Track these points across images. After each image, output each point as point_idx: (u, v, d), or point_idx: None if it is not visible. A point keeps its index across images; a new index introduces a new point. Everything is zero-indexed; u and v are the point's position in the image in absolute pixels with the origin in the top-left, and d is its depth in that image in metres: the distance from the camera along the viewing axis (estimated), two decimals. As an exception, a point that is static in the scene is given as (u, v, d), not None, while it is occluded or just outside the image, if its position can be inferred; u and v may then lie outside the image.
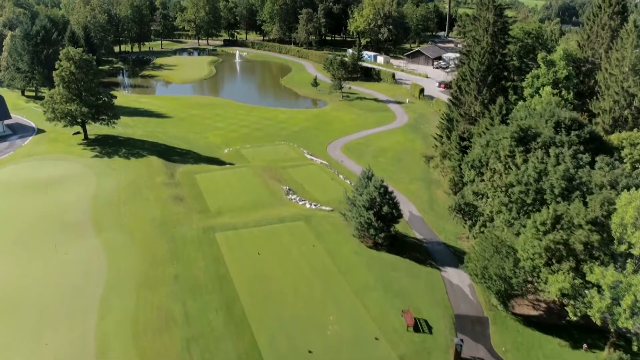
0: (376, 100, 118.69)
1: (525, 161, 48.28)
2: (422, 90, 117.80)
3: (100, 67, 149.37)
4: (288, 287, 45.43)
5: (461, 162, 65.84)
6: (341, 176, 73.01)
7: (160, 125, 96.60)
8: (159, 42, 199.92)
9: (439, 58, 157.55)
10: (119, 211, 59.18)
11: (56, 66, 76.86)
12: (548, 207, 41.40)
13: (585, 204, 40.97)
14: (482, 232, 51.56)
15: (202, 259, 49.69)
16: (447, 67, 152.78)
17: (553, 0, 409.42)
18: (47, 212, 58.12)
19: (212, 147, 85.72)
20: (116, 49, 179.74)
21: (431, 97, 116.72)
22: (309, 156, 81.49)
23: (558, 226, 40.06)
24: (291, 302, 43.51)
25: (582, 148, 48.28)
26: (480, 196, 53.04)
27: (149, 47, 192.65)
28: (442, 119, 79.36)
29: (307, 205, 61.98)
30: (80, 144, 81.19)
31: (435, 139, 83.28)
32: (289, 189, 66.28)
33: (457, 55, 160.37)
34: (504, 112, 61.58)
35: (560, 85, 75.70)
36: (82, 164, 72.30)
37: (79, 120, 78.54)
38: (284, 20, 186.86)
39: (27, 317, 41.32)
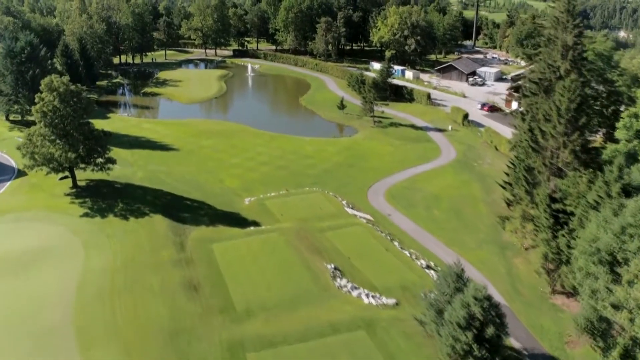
0: (413, 127, 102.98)
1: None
2: (466, 116, 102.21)
3: (97, 83, 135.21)
4: None
5: (555, 232, 51.07)
6: (396, 243, 57.54)
7: (165, 162, 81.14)
8: (163, 52, 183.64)
9: (474, 73, 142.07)
10: (112, 310, 43.72)
11: (36, 100, 61.71)
12: None
13: None
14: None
15: (231, 407, 34.37)
16: (483, 84, 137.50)
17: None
18: (15, 314, 42.61)
19: (229, 194, 70.29)
20: (116, 60, 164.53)
21: (478, 124, 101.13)
22: (349, 209, 66.06)
23: None
24: None
25: None
26: (618, 308, 37.75)
27: (152, 58, 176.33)
28: (517, 167, 63.87)
29: (364, 299, 46.47)
30: (68, 194, 65.30)
31: (503, 187, 68.00)
32: (335, 269, 50.81)
33: (494, 70, 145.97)
34: (624, 177, 46.34)
35: (665, 126, 60.50)
36: (67, 227, 56.59)
37: (66, 166, 63.14)
38: (300, 30, 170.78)
39: None
